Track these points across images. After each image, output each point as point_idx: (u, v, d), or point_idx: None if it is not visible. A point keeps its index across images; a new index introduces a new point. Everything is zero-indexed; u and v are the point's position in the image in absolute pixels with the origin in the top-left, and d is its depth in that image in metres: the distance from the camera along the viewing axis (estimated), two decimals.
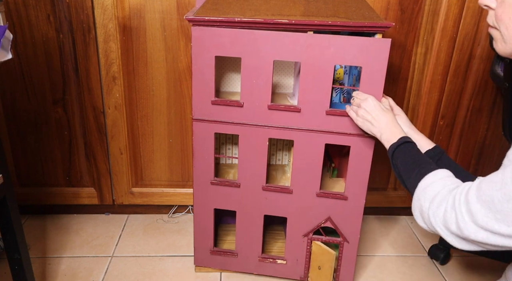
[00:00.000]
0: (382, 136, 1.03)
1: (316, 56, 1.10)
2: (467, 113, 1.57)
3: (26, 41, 1.41)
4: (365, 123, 1.06)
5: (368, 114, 1.05)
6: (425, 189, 0.84)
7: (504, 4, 0.70)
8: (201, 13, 1.09)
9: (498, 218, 0.68)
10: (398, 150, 0.97)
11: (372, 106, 1.05)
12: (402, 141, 0.98)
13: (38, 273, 1.38)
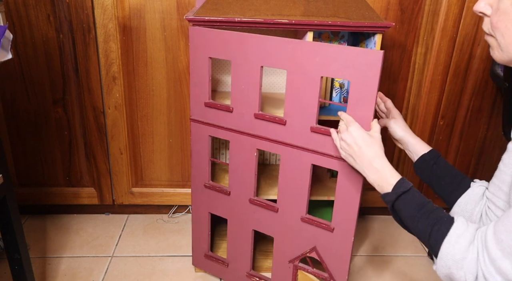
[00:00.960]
0: (368, 177, 0.89)
1: (302, 65, 1.00)
2: (467, 113, 1.57)
3: (26, 41, 1.41)
4: (347, 157, 0.93)
5: (349, 147, 0.91)
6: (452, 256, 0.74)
7: (499, 12, 0.68)
8: (201, 13, 1.09)
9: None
10: (398, 203, 0.84)
11: (353, 138, 0.90)
12: (399, 192, 0.84)
13: (38, 273, 1.38)
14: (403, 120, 1.12)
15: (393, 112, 1.13)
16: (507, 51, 0.70)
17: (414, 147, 1.06)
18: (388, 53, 1.48)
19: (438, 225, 0.76)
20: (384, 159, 0.88)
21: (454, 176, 1.00)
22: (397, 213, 0.86)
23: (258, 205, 1.20)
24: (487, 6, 0.72)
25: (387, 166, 0.88)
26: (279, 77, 1.42)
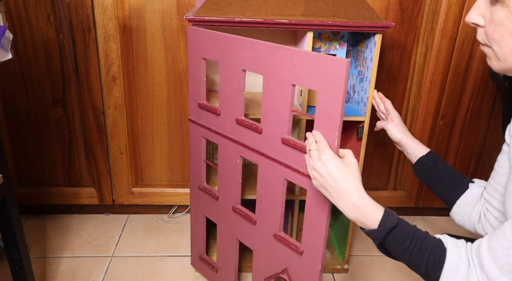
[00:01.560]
0: (348, 214, 0.79)
1: (276, 71, 0.92)
2: (467, 113, 1.57)
3: (26, 41, 1.41)
4: (320, 188, 0.82)
5: (323, 179, 0.80)
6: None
7: (494, 23, 0.67)
8: (201, 13, 1.09)
9: None
10: (388, 240, 0.76)
11: (326, 168, 0.79)
12: (388, 228, 0.75)
13: (38, 273, 1.38)
14: (402, 122, 1.12)
15: (391, 114, 1.13)
16: (504, 61, 0.69)
17: (412, 149, 1.07)
18: (388, 53, 1.48)
19: (433, 256, 0.72)
20: (363, 191, 0.79)
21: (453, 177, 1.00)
22: (386, 248, 0.78)
23: (239, 214, 1.14)
24: (479, 16, 0.71)
25: (367, 200, 0.79)
26: None
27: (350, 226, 1.39)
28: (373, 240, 0.78)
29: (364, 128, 1.25)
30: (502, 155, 0.87)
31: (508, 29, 0.65)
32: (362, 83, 1.26)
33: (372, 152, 1.62)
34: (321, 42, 1.29)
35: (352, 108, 1.32)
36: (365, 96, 1.24)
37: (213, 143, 1.49)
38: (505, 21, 0.65)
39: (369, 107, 1.22)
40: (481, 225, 0.92)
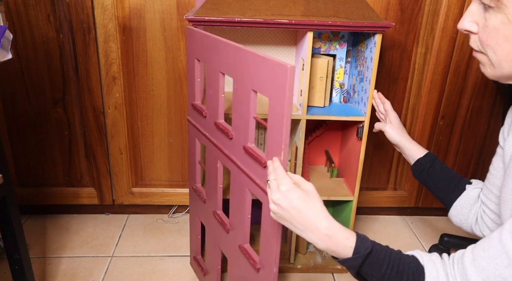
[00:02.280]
0: (318, 244, 0.73)
1: (241, 76, 0.88)
2: (467, 113, 1.57)
3: (26, 41, 1.41)
4: (281, 222, 0.76)
5: (285, 212, 0.73)
6: None
7: (489, 29, 0.65)
8: (201, 13, 1.09)
9: None
10: (364, 267, 0.71)
11: (288, 199, 0.72)
12: (363, 255, 0.70)
13: (38, 273, 1.38)
14: (400, 124, 1.13)
15: (390, 115, 1.13)
16: (499, 67, 0.68)
17: (410, 151, 1.07)
18: (388, 53, 1.48)
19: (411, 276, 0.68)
20: (330, 218, 0.73)
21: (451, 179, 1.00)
22: (363, 276, 0.73)
23: (217, 220, 1.11)
24: (472, 23, 0.69)
25: (337, 227, 0.72)
26: None
27: (350, 227, 1.39)
28: (348, 269, 0.74)
29: (364, 128, 1.25)
30: (496, 157, 0.87)
31: (503, 35, 0.64)
32: (362, 83, 1.26)
33: (372, 152, 1.62)
34: (321, 42, 1.29)
35: (352, 108, 1.32)
36: (365, 96, 1.24)
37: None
38: (500, 26, 0.64)
39: (369, 107, 1.22)
40: (478, 227, 0.93)
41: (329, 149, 1.53)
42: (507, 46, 0.65)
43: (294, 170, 1.31)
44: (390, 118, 1.13)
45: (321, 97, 1.29)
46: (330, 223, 0.72)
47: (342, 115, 1.25)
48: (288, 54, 1.39)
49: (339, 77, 1.35)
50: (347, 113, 1.27)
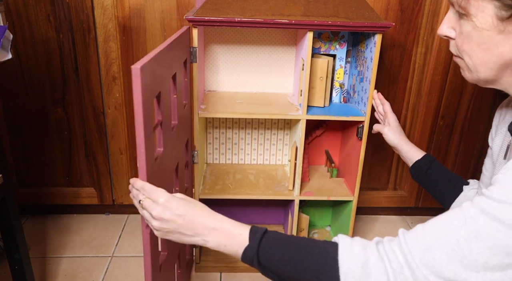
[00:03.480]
0: (209, 243, 0.70)
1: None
2: (467, 113, 1.57)
3: (26, 41, 1.41)
4: (169, 236, 0.73)
5: (170, 223, 0.70)
6: (355, 265, 0.62)
7: (463, 35, 0.66)
8: (201, 13, 1.09)
9: (465, 264, 0.55)
10: (263, 249, 0.68)
11: (170, 209, 0.70)
12: (258, 236, 0.68)
13: (38, 273, 1.38)
14: (399, 126, 1.13)
15: (389, 117, 1.14)
16: (476, 72, 0.68)
17: (408, 153, 1.08)
18: (388, 53, 1.48)
19: (324, 247, 0.65)
20: (216, 213, 0.72)
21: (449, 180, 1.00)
22: (267, 265, 0.68)
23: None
24: (450, 29, 0.70)
25: (224, 220, 0.71)
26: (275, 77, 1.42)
27: (350, 227, 1.39)
28: (248, 260, 0.69)
29: (364, 128, 1.25)
30: (487, 158, 0.88)
31: (476, 41, 0.65)
32: (362, 83, 1.26)
33: (372, 152, 1.62)
34: (321, 42, 1.29)
35: (352, 108, 1.32)
36: (365, 96, 1.24)
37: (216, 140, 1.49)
38: (473, 33, 0.65)
39: (369, 107, 1.22)
40: None
41: (329, 149, 1.54)
42: (481, 52, 0.65)
43: (294, 170, 1.31)
44: (389, 120, 1.14)
45: (321, 97, 1.29)
46: (216, 217, 0.71)
47: (342, 115, 1.25)
48: (288, 54, 1.39)
49: (339, 77, 1.35)
50: (347, 113, 1.27)
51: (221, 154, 1.52)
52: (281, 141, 1.50)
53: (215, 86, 1.43)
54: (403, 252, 0.59)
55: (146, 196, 0.72)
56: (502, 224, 0.53)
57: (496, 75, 0.67)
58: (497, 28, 0.62)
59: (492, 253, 0.53)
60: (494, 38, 0.63)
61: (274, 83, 1.43)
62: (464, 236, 0.55)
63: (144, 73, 0.69)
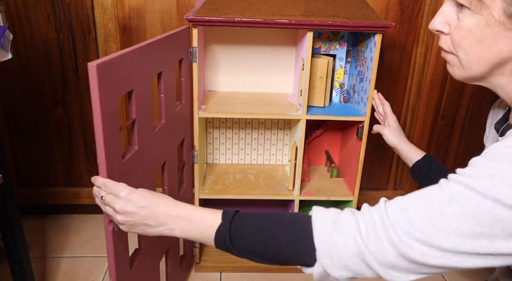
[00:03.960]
0: (174, 230, 0.71)
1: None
2: (467, 113, 1.57)
3: (26, 41, 1.41)
4: (135, 229, 0.73)
5: (134, 216, 0.71)
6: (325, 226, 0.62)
7: (463, 30, 0.64)
8: (201, 13, 1.09)
9: (437, 226, 0.55)
10: (235, 229, 0.67)
11: (132, 202, 0.71)
12: (228, 218, 0.67)
13: (38, 273, 1.38)
14: (399, 127, 1.13)
15: (389, 118, 1.14)
16: (468, 69, 0.67)
17: (407, 154, 1.08)
18: (388, 53, 1.48)
19: (298, 215, 0.66)
20: (176, 201, 0.72)
21: None
22: (240, 240, 0.66)
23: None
24: (444, 24, 0.68)
25: (187, 207, 0.71)
26: (275, 77, 1.42)
27: None
28: (222, 241, 0.67)
29: (364, 128, 1.25)
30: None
31: (476, 36, 0.64)
32: (362, 83, 1.26)
33: (372, 152, 1.62)
34: (321, 42, 1.29)
35: (352, 108, 1.32)
36: (365, 96, 1.24)
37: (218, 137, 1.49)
38: (475, 28, 0.63)
39: (369, 107, 1.22)
40: None
41: (329, 149, 1.53)
42: (479, 49, 0.64)
43: (294, 170, 1.31)
44: (389, 121, 1.14)
45: (321, 97, 1.29)
46: (178, 204, 0.71)
47: (342, 115, 1.25)
48: (288, 54, 1.39)
49: (339, 77, 1.35)
50: (347, 113, 1.27)
51: (221, 154, 1.52)
52: (281, 141, 1.50)
53: (215, 86, 1.43)
54: (380, 212, 0.61)
55: (108, 192, 0.73)
56: (475, 192, 0.54)
57: (487, 73, 0.67)
58: (502, 25, 0.61)
59: (463, 218, 0.54)
60: (496, 35, 0.62)
61: (274, 83, 1.43)
62: (439, 201, 0.56)
63: (102, 70, 0.69)
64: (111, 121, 0.74)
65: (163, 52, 0.98)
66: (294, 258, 0.64)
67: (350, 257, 0.59)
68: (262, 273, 1.41)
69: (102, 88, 0.69)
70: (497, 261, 0.55)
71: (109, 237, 0.79)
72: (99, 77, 0.68)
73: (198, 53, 1.16)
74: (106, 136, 0.72)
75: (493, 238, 0.53)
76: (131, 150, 0.86)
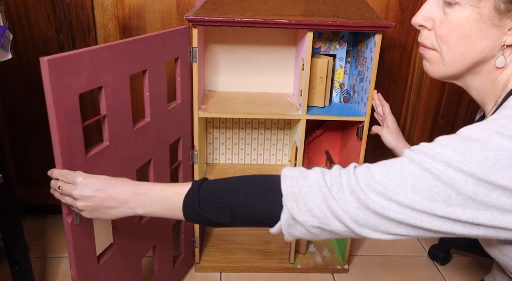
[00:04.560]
0: (137, 209, 0.71)
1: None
2: (467, 113, 1.57)
3: (26, 41, 1.41)
4: (97, 214, 0.73)
5: (93, 199, 0.71)
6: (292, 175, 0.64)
7: (451, 24, 0.64)
8: (201, 13, 1.09)
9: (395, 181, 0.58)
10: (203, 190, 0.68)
11: (88, 186, 0.71)
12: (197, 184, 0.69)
13: (38, 273, 1.38)
14: (397, 128, 1.13)
15: (388, 119, 1.14)
16: (450, 65, 0.67)
17: None
18: (388, 53, 1.48)
19: (268, 174, 0.67)
20: (134, 181, 0.74)
21: None
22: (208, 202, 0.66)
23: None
24: (427, 18, 0.68)
25: (144, 183, 0.72)
26: (275, 77, 1.42)
27: None
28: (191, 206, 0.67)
29: (364, 128, 1.25)
30: None
31: (464, 32, 0.64)
32: (362, 83, 1.26)
33: (372, 152, 1.62)
34: (321, 42, 1.29)
35: (352, 108, 1.32)
36: (365, 96, 1.24)
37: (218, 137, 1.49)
38: (464, 23, 0.63)
39: (369, 107, 1.22)
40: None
41: (329, 149, 1.53)
42: (464, 45, 0.65)
43: None
44: (388, 122, 1.14)
45: (321, 97, 1.29)
46: (135, 183, 0.73)
47: (342, 115, 1.25)
48: (288, 54, 1.39)
49: (339, 77, 1.35)
50: (347, 113, 1.27)
51: (221, 154, 1.52)
52: (281, 141, 1.50)
53: (215, 86, 1.43)
54: (348, 171, 0.62)
55: (65, 181, 0.73)
56: (428, 156, 0.57)
57: (465, 71, 0.68)
58: (491, 21, 0.62)
59: (421, 177, 0.56)
60: (483, 32, 0.63)
61: (274, 83, 1.43)
62: (400, 161, 0.60)
63: (55, 66, 0.70)
64: (71, 116, 0.76)
65: (148, 51, 0.98)
66: (262, 210, 0.64)
67: (314, 201, 0.61)
68: (262, 273, 1.41)
69: (55, 83, 0.71)
70: (457, 228, 0.57)
71: (67, 229, 0.81)
72: (50, 72, 0.69)
73: (198, 53, 1.16)
74: (62, 131, 0.75)
75: (450, 203, 0.55)
76: (100, 146, 0.88)
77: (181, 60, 1.13)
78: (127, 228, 1.03)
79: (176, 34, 1.09)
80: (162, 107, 1.10)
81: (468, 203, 0.54)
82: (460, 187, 0.54)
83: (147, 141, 1.04)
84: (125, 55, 0.90)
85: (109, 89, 0.86)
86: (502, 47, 0.63)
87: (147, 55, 0.98)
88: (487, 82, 0.68)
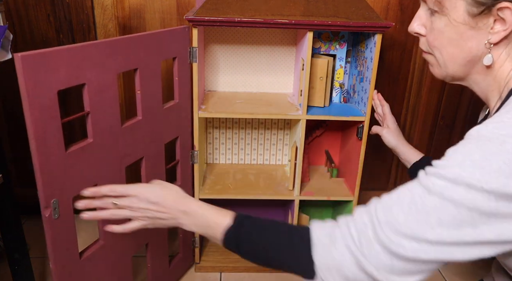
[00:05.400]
0: (184, 225, 0.75)
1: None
2: (467, 113, 1.57)
3: (26, 41, 1.41)
4: (155, 223, 0.77)
5: (148, 212, 0.76)
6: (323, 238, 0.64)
7: (435, 31, 0.69)
8: (201, 13, 1.09)
9: (420, 219, 0.56)
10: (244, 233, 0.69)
11: (143, 200, 0.76)
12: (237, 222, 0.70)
13: (38, 273, 1.38)
14: (397, 128, 1.14)
15: (388, 119, 1.14)
16: (445, 67, 0.71)
17: (405, 155, 1.09)
18: (388, 53, 1.48)
19: (299, 228, 0.68)
20: (185, 196, 0.76)
21: None
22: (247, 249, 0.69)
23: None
24: (420, 26, 0.72)
25: (194, 202, 0.75)
26: (275, 77, 1.42)
27: None
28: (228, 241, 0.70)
29: (364, 128, 1.25)
30: None
31: (447, 37, 0.67)
32: (362, 83, 1.26)
33: (372, 152, 1.62)
34: (321, 42, 1.29)
35: (352, 108, 1.32)
36: (365, 96, 1.24)
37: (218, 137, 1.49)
38: (444, 29, 0.67)
39: (369, 107, 1.22)
40: None
41: (329, 149, 1.53)
42: (451, 48, 0.68)
43: (294, 170, 1.31)
44: (388, 122, 1.14)
45: (321, 97, 1.29)
46: (185, 200, 0.75)
47: (342, 115, 1.25)
48: (288, 54, 1.39)
49: (339, 77, 1.35)
50: (347, 113, 1.27)
51: (221, 154, 1.52)
52: (281, 141, 1.50)
53: (215, 86, 1.43)
54: (369, 213, 0.61)
55: (119, 196, 0.77)
56: (447, 181, 0.55)
57: (463, 72, 0.70)
58: (468, 24, 0.64)
59: (443, 208, 0.55)
60: (465, 34, 0.65)
61: (274, 83, 1.43)
62: (419, 193, 0.57)
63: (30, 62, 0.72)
64: (48, 111, 0.78)
65: (139, 50, 0.98)
66: (296, 269, 0.67)
67: (348, 267, 0.60)
68: (262, 273, 1.41)
69: (30, 79, 0.73)
70: (486, 250, 0.55)
71: (45, 222, 0.83)
72: (24, 68, 0.71)
73: (198, 53, 1.16)
74: (38, 126, 0.76)
75: (475, 225, 0.54)
76: (83, 142, 0.91)
77: (179, 60, 1.13)
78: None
79: (173, 34, 1.09)
80: (156, 106, 1.10)
81: (491, 220, 0.54)
82: (483, 207, 0.53)
83: (138, 139, 1.04)
84: (113, 53, 0.90)
85: (93, 86, 0.87)
86: (487, 45, 0.65)
87: (138, 54, 0.98)
88: (488, 80, 0.70)
